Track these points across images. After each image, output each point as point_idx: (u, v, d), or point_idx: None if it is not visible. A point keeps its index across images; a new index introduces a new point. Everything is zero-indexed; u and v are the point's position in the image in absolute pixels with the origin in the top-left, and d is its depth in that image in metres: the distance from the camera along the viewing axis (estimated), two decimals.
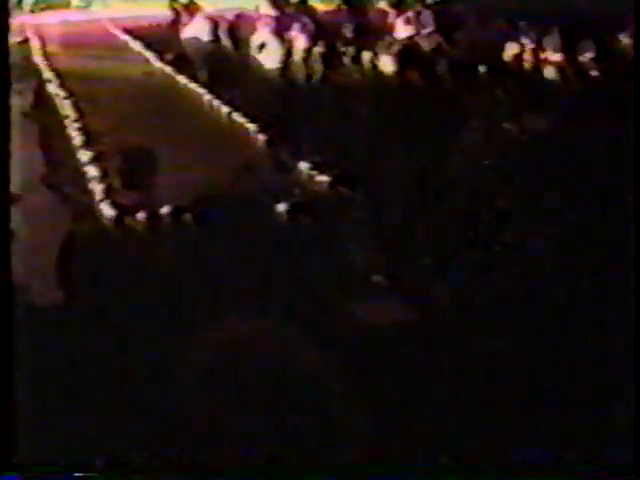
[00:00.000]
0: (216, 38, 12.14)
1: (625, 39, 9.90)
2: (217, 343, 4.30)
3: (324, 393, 3.90)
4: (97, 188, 6.33)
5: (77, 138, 7.60)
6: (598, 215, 5.56)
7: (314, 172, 6.53)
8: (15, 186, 5.75)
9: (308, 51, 11.12)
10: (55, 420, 3.78)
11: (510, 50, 10.39)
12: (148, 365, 4.15)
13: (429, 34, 11.54)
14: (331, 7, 12.35)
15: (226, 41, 12.03)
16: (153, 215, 5.86)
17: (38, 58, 11.21)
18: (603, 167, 6.33)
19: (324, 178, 6.41)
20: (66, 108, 8.63)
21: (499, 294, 4.69)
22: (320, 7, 12.46)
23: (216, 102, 8.67)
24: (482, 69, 9.67)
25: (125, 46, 12.05)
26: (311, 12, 12.45)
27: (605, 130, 7.08)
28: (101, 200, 6.13)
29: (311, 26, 12.01)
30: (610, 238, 5.18)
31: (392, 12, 12.17)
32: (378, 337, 4.30)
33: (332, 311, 4.58)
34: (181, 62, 10.59)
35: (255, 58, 10.83)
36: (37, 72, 10.30)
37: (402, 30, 11.72)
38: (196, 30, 12.40)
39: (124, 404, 3.87)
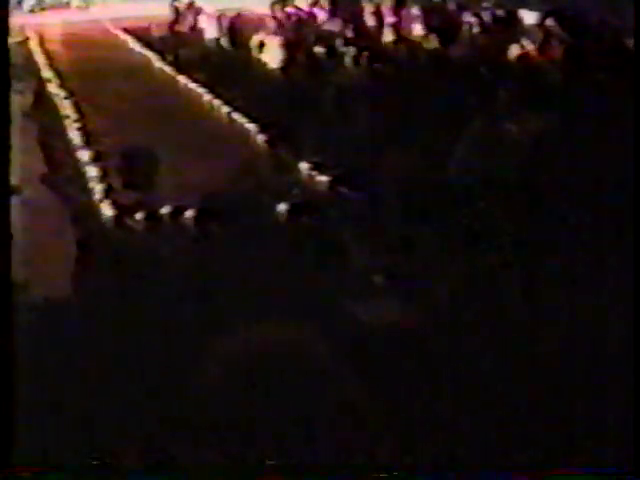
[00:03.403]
0: (221, 37, 12.16)
1: (626, 39, 9.91)
2: (216, 342, 4.30)
3: (322, 392, 3.90)
4: (97, 188, 6.33)
5: (77, 138, 7.61)
6: (598, 215, 5.56)
7: (314, 172, 6.53)
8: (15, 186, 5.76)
9: (308, 51, 11.13)
10: (55, 420, 3.78)
11: (513, 51, 10.41)
12: (147, 365, 4.15)
13: (428, 34, 11.55)
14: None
15: (227, 40, 12.05)
16: (153, 215, 5.86)
17: (38, 58, 11.22)
18: (603, 167, 6.32)
19: (324, 178, 6.41)
20: (66, 108, 8.64)
21: (499, 294, 4.69)
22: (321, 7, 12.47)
23: (216, 102, 8.68)
24: (483, 69, 9.68)
25: (125, 46, 12.06)
26: (312, 13, 12.46)
27: (605, 130, 7.08)
28: (101, 200, 6.13)
29: (311, 26, 12.02)
30: (610, 237, 5.18)
31: (390, 12, 12.19)
32: (378, 337, 4.30)
33: (332, 311, 4.58)
34: (181, 62, 10.60)
35: (255, 58, 10.84)
36: (37, 72, 10.31)
37: (410, 30, 11.75)
38: (204, 29, 12.45)
39: (123, 404, 3.87)
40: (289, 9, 12.42)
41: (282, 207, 5.89)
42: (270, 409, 3.80)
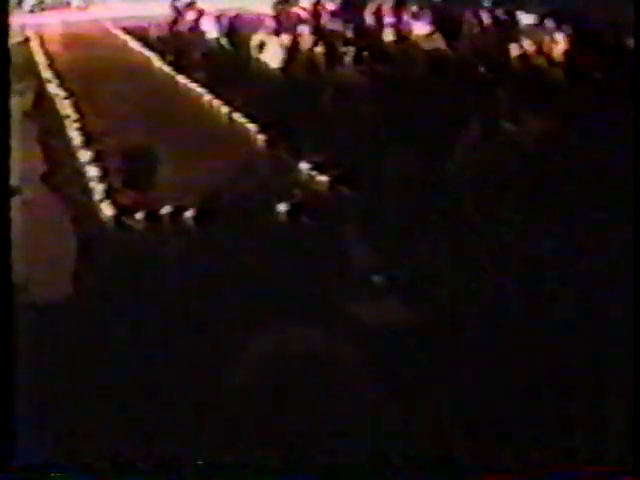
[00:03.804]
0: (221, 37, 12.16)
1: (626, 39, 9.91)
2: (216, 342, 4.30)
3: (322, 393, 3.90)
4: (97, 188, 6.33)
5: (77, 138, 7.60)
6: (598, 214, 5.56)
7: (314, 172, 6.53)
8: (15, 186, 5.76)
9: (308, 51, 11.13)
10: (55, 420, 3.78)
11: (513, 51, 10.41)
12: (147, 364, 4.15)
13: (430, 34, 11.55)
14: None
15: (227, 40, 12.04)
16: (153, 215, 5.86)
17: (38, 58, 11.20)
18: (603, 167, 6.32)
19: (324, 178, 6.41)
20: (66, 108, 8.64)
21: (499, 294, 4.69)
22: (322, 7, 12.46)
23: (216, 102, 8.68)
24: (483, 69, 9.68)
25: (125, 46, 12.05)
26: (312, 13, 12.45)
27: (605, 130, 7.08)
28: (101, 200, 6.13)
29: (311, 26, 12.01)
30: (610, 237, 5.18)
31: (391, 12, 12.18)
32: (378, 337, 4.30)
33: (332, 311, 4.58)
34: (181, 62, 10.59)
35: (255, 58, 10.83)
36: (37, 72, 10.30)
37: (417, 29, 11.73)
38: (204, 29, 12.44)
39: (123, 404, 3.87)
40: (291, 9, 12.41)
41: (282, 207, 5.89)
42: (268, 409, 3.80)
